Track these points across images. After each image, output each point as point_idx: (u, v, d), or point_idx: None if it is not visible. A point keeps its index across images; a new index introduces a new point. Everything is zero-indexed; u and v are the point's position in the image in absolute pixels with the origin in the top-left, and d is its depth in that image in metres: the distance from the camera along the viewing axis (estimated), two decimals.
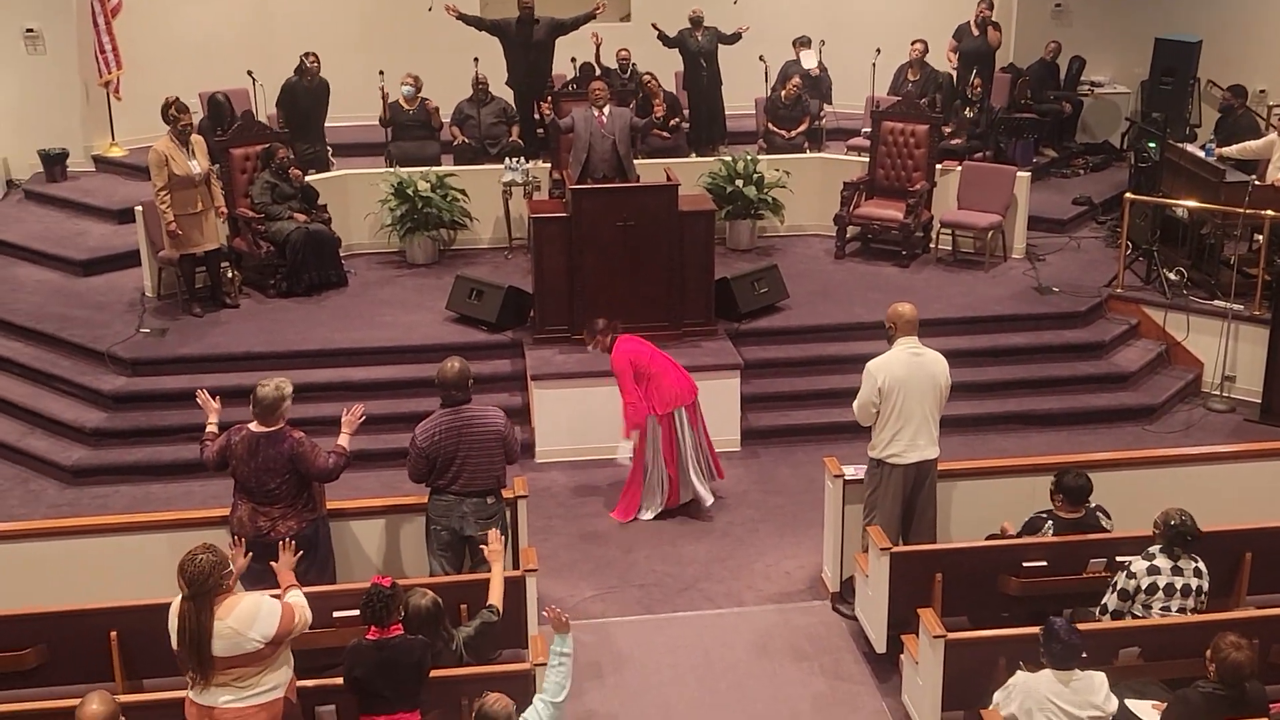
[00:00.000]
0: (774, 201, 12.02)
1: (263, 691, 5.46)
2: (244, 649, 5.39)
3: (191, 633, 5.35)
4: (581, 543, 8.59)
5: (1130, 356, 10.71)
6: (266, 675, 5.47)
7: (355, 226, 11.96)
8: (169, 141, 10.30)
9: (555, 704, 5.48)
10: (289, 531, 6.67)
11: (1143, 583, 6.37)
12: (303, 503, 6.78)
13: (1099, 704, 5.58)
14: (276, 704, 5.51)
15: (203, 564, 5.36)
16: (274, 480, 6.66)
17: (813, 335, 10.57)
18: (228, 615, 5.39)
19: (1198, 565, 6.44)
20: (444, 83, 13.18)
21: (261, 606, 5.47)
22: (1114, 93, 14.89)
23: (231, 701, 5.42)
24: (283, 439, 6.68)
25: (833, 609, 7.83)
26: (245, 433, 6.73)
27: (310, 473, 6.72)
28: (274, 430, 6.70)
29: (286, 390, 6.77)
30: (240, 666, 5.41)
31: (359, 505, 7.36)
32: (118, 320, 10.62)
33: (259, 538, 6.64)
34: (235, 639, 5.38)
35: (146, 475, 9.38)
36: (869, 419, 7.37)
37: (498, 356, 10.29)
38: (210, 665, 5.37)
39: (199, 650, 5.35)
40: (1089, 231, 12.66)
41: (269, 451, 6.65)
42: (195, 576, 5.34)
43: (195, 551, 5.43)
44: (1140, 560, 6.44)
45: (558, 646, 5.63)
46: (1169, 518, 6.38)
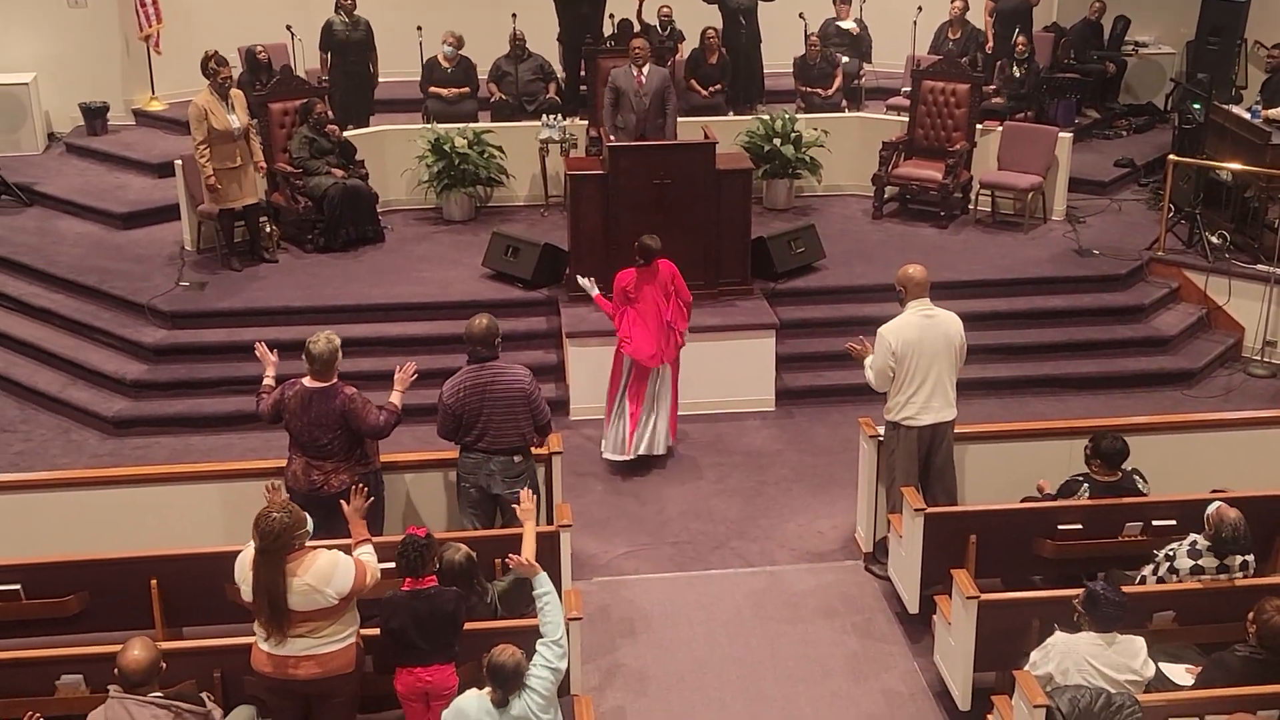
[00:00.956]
0: (812, 161, 11.93)
1: (338, 639, 5.63)
2: (319, 604, 5.53)
3: (265, 587, 5.48)
4: (615, 499, 8.63)
5: (1170, 320, 10.61)
6: (338, 626, 5.63)
7: (392, 182, 11.98)
8: (209, 95, 10.32)
9: (557, 641, 5.54)
10: (342, 485, 6.72)
11: (1185, 580, 6.31)
12: (356, 457, 6.83)
13: (1137, 668, 5.57)
14: (350, 649, 5.68)
15: (276, 523, 5.47)
16: (326, 435, 6.71)
17: (849, 295, 10.52)
18: (305, 572, 5.51)
19: (1245, 559, 6.34)
20: (481, 39, 13.14)
21: (339, 564, 5.61)
22: (1159, 53, 14.66)
23: (306, 650, 5.56)
24: (335, 394, 6.72)
25: (865, 569, 7.84)
26: (299, 387, 6.78)
27: (361, 429, 6.76)
28: (327, 386, 6.74)
29: (337, 342, 6.82)
30: (316, 620, 5.55)
31: (393, 460, 7.41)
32: (157, 273, 10.70)
33: (313, 491, 6.71)
34: (312, 595, 5.51)
35: (186, 427, 9.48)
36: (886, 384, 7.35)
37: (533, 313, 10.31)
38: (286, 619, 5.51)
39: (274, 605, 5.49)
40: (1131, 194, 12.52)
41: (321, 407, 6.70)
42: (267, 533, 5.47)
43: (271, 509, 5.55)
44: (1185, 556, 6.35)
45: (538, 588, 5.69)
46: (1223, 528, 6.17)
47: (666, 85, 10.92)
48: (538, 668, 5.44)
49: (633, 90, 10.75)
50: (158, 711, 5.11)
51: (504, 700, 5.34)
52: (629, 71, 10.83)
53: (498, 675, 5.30)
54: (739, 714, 6.67)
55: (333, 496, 6.59)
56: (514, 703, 5.35)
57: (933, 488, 7.41)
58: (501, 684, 5.31)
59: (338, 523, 6.40)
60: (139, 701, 5.11)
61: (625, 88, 10.77)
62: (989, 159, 11.95)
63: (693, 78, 13.05)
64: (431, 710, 5.75)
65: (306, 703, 5.70)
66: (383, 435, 6.89)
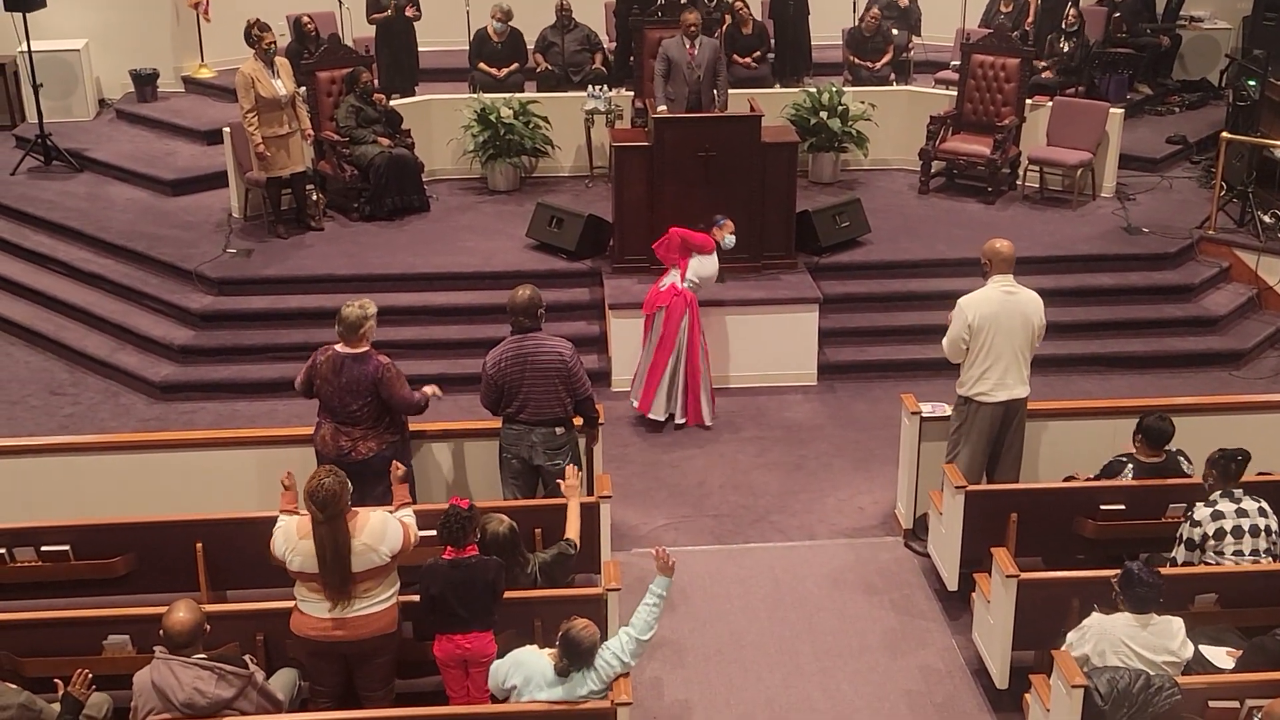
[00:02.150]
0: (858, 134, 11.84)
1: (386, 599, 5.76)
2: (374, 563, 5.65)
3: (331, 551, 5.57)
4: (655, 471, 8.65)
5: (1220, 300, 10.47)
6: (385, 585, 5.75)
7: (438, 152, 12.00)
8: (255, 63, 10.37)
9: (641, 640, 5.57)
10: (369, 453, 6.79)
11: (1209, 529, 6.29)
12: (384, 425, 6.88)
13: (1174, 649, 5.54)
14: (394, 609, 5.81)
15: (330, 486, 5.57)
16: (356, 402, 6.76)
17: (894, 271, 10.46)
18: (360, 532, 5.64)
19: (1262, 505, 6.34)
20: (529, 9, 13.11)
21: (389, 523, 5.75)
22: (1214, 28, 14.40)
23: (361, 609, 5.68)
24: (368, 360, 6.76)
25: (905, 545, 7.83)
26: (331, 352, 6.83)
27: (392, 400, 6.80)
28: (360, 352, 6.78)
29: (370, 310, 6.84)
30: (370, 580, 5.67)
31: (436, 428, 7.46)
32: (205, 240, 10.80)
33: (340, 458, 6.76)
34: (369, 554, 5.64)
35: (232, 393, 9.59)
36: (958, 355, 7.27)
37: (576, 285, 10.32)
38: (351, 580, 5.62)
39: (342, 569, 5.59)
40: (1182, 171, 12.33)
41: (354, 372, 6.74)
42: (327, 500, 5.56)
43: (320, 476, 5.63)
44: (1203, 507, 6.34)
45: (656, 588, 5.70)
46: (1216, 465, 6.29)
47: (718, 58, 10.90)
48: (609, 653, 5.49)
49: (685, 62, 10.73)
50: (201, 673, 5.20)
51: (567, 671, 5.40)
52: (680, 43, 10.80)
53: (572, 649, 5.36)
54: (776, 687, 6.69)
55: (360, 463, 6.66)
56: (574, 676, 5.41)
57: (1000, 463, 7.36)
58: (572, 657, 5.38)
59: (364, 488, 6.49)
60: (183, 663, 5.20)
61: (678, 59, 10.74)
62: (1038, 134, 11.81)
63: (733, 51, 12.96)
64: (470, 676, 5.82)
65: (347, 665, 5.78)
66: (413, 411, 6.93)
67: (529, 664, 5.45)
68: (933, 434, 7.58)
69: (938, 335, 7.53)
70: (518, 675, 5.47)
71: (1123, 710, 5.36)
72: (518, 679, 5.46)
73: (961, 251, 10.24)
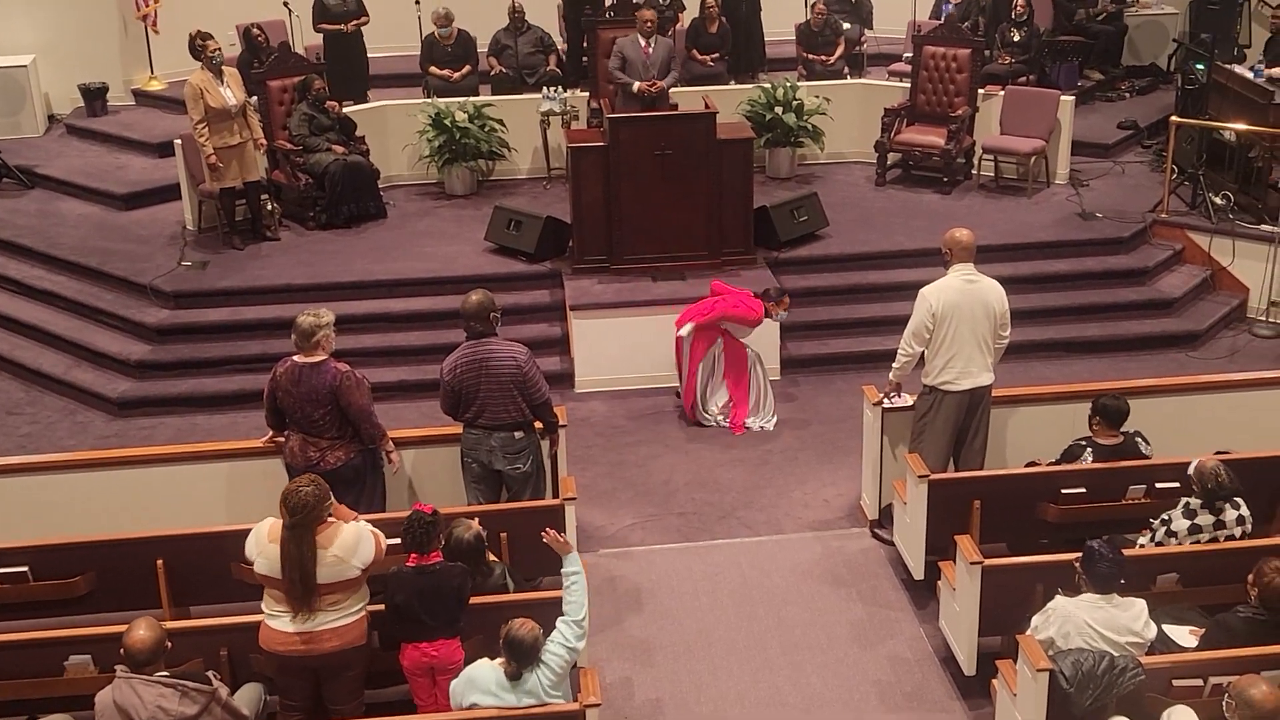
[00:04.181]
0: (814, 129, 11.88)
1: (354, 612, 5.69)
2: (346, 575, 5.59)
3: (295, 561, 5.51)
4: (621, 471, 8.64)
5: (1174, 282, 10.57)
6: (355, 598, 5.69)
7: (393, 158, 11.95)
8: (203, 74, 10.28)
9: (578, 621, 5.56)
10: (338, 462, 6.74)
11: (1185, 542, 6.33)
12: (351, 434, 6.82)
13: (1138, 630, 5.57)
14: (362, 621, 5.75)
15: (306, 496, 5.52)
16: (318, 411, 6.71)
17: (853, 263, 10.50)
18: (331, 544, 5.57)
19: (1240, 513, 6.36)
20: (480, 12, 13.08)
21: (362, 536, 5.68)
22: (1161, 13, 14.52)
23: (329, 622, 5.62)
24: (325, 370, 6.71)
25: (871, 536, 7.85)
26: (289, 363, 6.78)
27: (350, 409, 6.73)
28: (317, 361, 6.73)
29: (325, 319, 6.78)
30: (338, 592, 5.60)
31: (399, 435, 7.41)
32: (159, 253, 10.70)
33: (310, 468, 6.71)
34: (340, 566, 5.57)
35: (191, 407, 9.50)
36: (920, 343, 7.29)
37: (537, 287, 10.30)
38: (314, 592, 5.55)
39: (305, 578, 5.53)
40: (1134, 156, 12.43)
41: (312, 382, 6.69)
42: (299, 507, 5.51)
43: (299, 483, 5.59)
44: (1181, 518, 6.36)
45: (566, 568, 5.71)
46: (1207, 478, 6.25)
47: (672, 57, 10.94)
48: (555, 645, 5.46)
49: (640, 61, 10.75)
50: (164, 690, 5.14)
51: (517, 673, 5.37)
52: (636, 42, 10.81)
53: (515, 649, 5.33)
54: (745, 683, 6.69)
55: (330, 473, 6.61)
56: (526, 676, 5.39)
57: (964, 451, 7.40)
58: (517, 657, 5.35)
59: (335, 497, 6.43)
60: (146, 681, 5.14)
61: (633, 58, 10.76)
62: (991, 124, 11.88)
63: (694, 47, 12.99)
64: (438, 685, 5.78)
65: (316, 678, 5.74)
66: (371, 427, 6.80)
67: (481, 678, 5.42)
68: (895, 425, 7.62)
69: (899, 326, 7.55)
70: (473, 692, 5.43)
71: (1088, 692, 5.39)
72: (475, 695, 5.43)
73: (920, 242, 10.31)
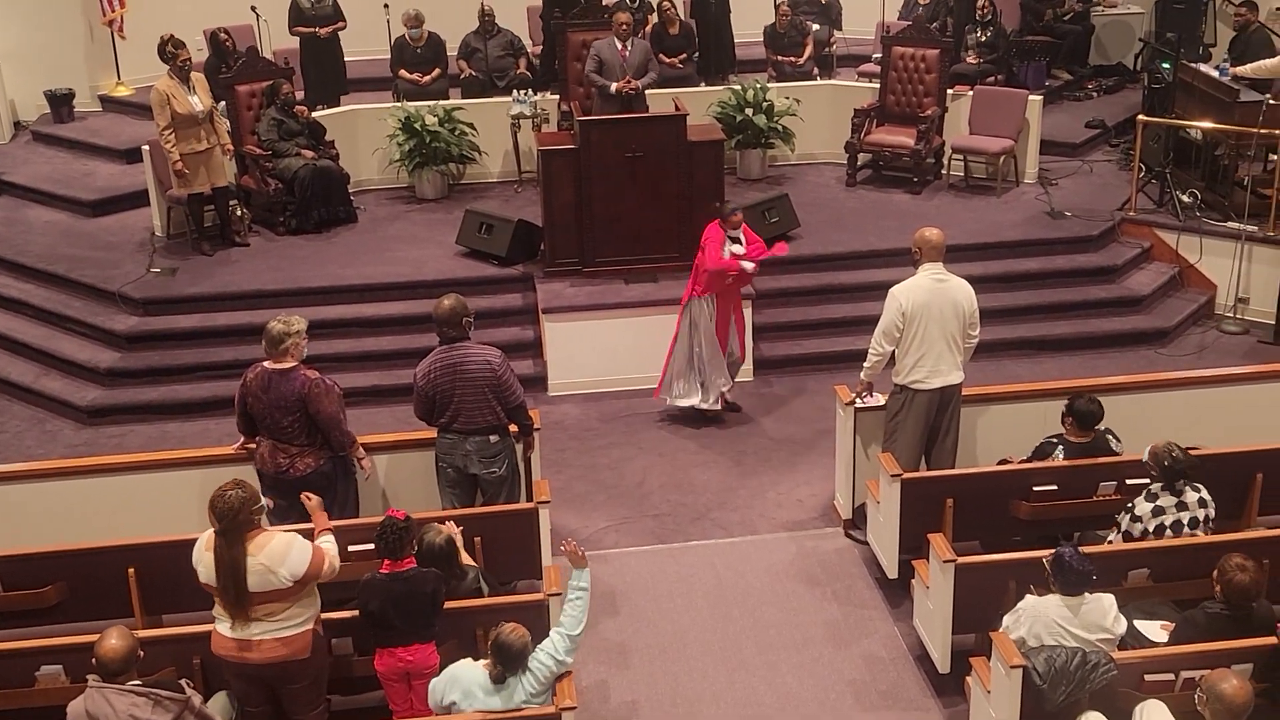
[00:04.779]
0: (784, 130, 11.91)
1: (293, 624, 5.58)
2: (273, 585, 5.49)
3: (226, 568, 5.45)
4: (594, 474, 8.64)
5: (1143, 280, 10.65)
6: (296, 609, 5.58)
7: (364, 162, 11.91)
8: (169, 80, 10.23)
9: (572, 636, 5.54)
10: (307, 469, 6.71)
11: (1149, 525, 6.38)
12: (320, 440, 6.78)
13: (1107, 626, 5.61)
14: (305, 635, 5.62)
15: (232, 500, 5.44)
16: (286, 418, 6.67)
17: (824, 264, 10.53)
18: (259, 552, 5.48)
19: (1201, 495, 6.43)
20: (450, 16, 13.06)
21: (293, 546, 5.55)
22: (1127, 13, 14.63)
23: (264, 633, 5.53)
24: (294, 377, 6.67)
25: (845, 535, 7.87)
26: (260, 369, 6.75)
27: (319, 416, 6.66)
28: (286, 368, 6.69)
29: (295, 326, 6.72)
30: (271, 602, 5.51)
31: (372, 440, 7.39)
32: (128, 260, 10.64)
33: (279, 475, 6.69)
34: (265, 575, 5.48)
35: (161, 414, 9.44)
36: (890, 343, 7.32)
37: (509, 290, 10.29)
38: (246, 600, 5.48)
39: (235, 585, 5.46)
40: (1102, 155, 12.53)
41: (280, 389, 6.65)
42: (225, 512, 5.43)
43: (225, 488, 5.51)
44: (1144, 502, 6.42)
45: (575, 581, 5.67)
46: (1161, 456, 6.33)
47: (649, 59, 10.97)
48: (544, 654, 5.45)
49: (617, 64, 10.77)
50: (137, 699, 5.10)
51: (502, 677, 5.36)
52: (612, 44, 10.82)
53: (503, 653, 5.32)
54: (721, 683, 6.70)
55: (299, 480, 6.59)
56: (510, 681, 5.38)
57: (936, 449, 7.43)
58: (504, 662, 5.34)
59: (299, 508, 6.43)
60: (118, 690, 5.10)
61: (610, 60, 10.78)
62: (960, 124, 11.95)
63: (659, 51, 12.99)
64: (413, 689, 5.77)
65: (269, 686, 5.68)
66: (340, 435, 6.72)
67: (464, 677, 5.42)
68: (868, 424, 7.64)
69: (870, 326, 7.56)
70: (455, 691, 5.42)
71: (1061, 688, 5.43)
72: (455, 694, 5.41)
73: (891, 242, 10.35)
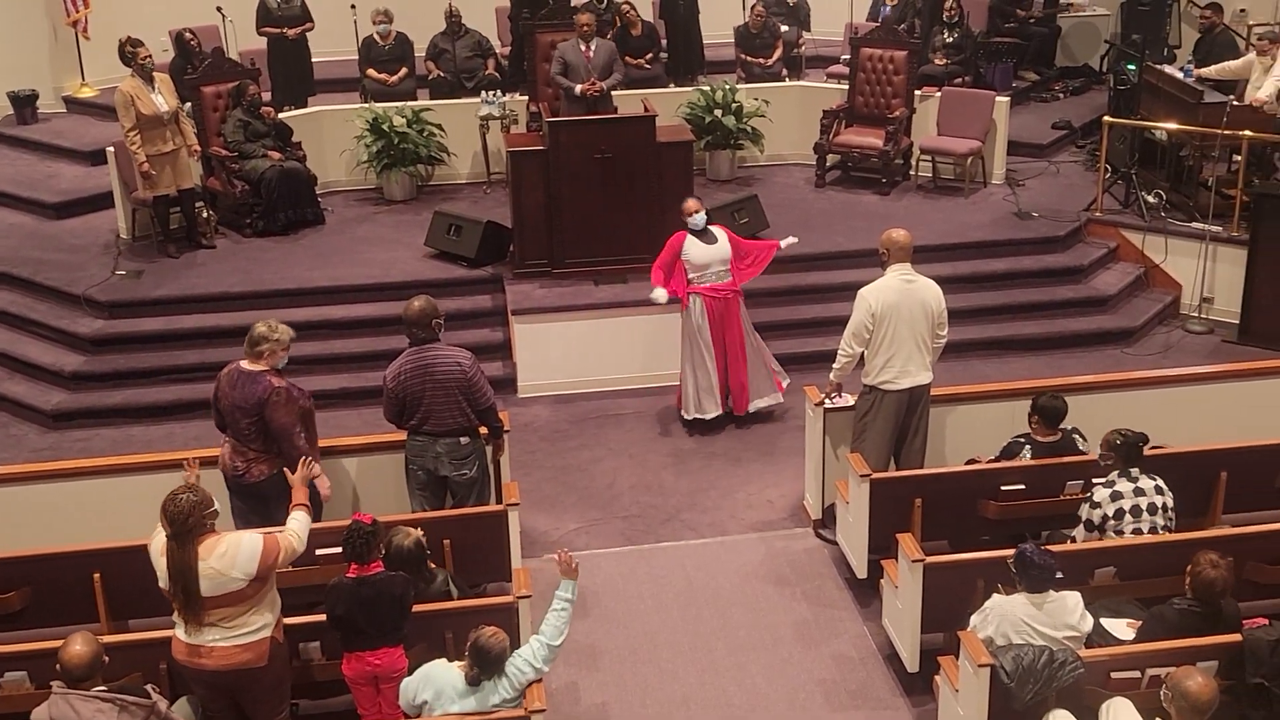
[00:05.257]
0: (753, 131, 11.93)
1: (250, 631, 5.50)
2: (228, 588, 5.41)
3: (178, 572, 5.38)
4: (564, 475, 8.62)
5: (1109, 280, 10.72)
6: (253, 615, 5.50)
7: (331, 163, 11.85)
8: (134, 80, 10.16)
9: (552, 646, 5.52)
10: (261, 476, 6.63)
11: (1108, 510, 6.42)
12: (275, 450, 6.66)
13: (1074, 624, 5.65)
14: (263, 643, 5.54)
15: (183, 504, 5.38)
16: (244, 420, 6.60)
17: (793, 264, 10.50)
18: (209, 556, 5.40)
19: (1157, 483, 6.50)
20: (417, 16, 13.02)
21: (241, 545, 5.47)
22: (1093, 14, 14.74)
23: (219, 640, 5.46)
24: (259, 381, 6.60)
25: (815, 535, 7.89)
26: (233, 366, 6.70)
27: (272, 424, 6.54)
28: (256, 370, 6.62)
29: (277, 335, 6.63)
30: (227, 606, 5.44)
31: (341, 443, 7.36)
32: (93, 263, 10.55)
33: (236, 477, 6.64)
34: (219, 579, 5.40)
35: (127, 418, 9.36)
36: (860, 344, 7.33)
37: (478, 292, 10.26)
38: (199, 605, 5.41)
39: (188, 590, 5.39)
40: (1068, 155, 12.62)
41: (245, 389, 6.59)
42: (175, 516, 5.37)
43: (177, 491, 5.45)
44: (1101, 488, 6.47)
45: (562, 592, 5.65)
46: (1113, 440, 6.41)
47: (614, 59, 10.97)
48: (522, 660, 5.43)
49: (582, 65, 10.77)
50: (102, 705, 5.05)
51: (477, 680, 5.34)
52: (576, 46, 10.81)
53: (481, 657, 5.30)
54: (691, 685, 6.70)
55: (254, 486, 6.55)
56: (486, 685, 5.36)
57: (905, 450, 7.45)
58: (481, 664, 5.31)
59: (260, 512, 6.39)
60: (83, 696, 5.05)
61: (574, 62, 10.79)
62: (928, 125, 12.00)
63: (624, 53, 12.99)
64: (381, 693, 5.74)
65: (228, 692, 5.62)
66: (291, 448, 6.55)
67: (439, 677, 5.39)
68: (837, 424, 7.66)
69: (840, 327, 7.57)
70: (428, 690, 5.40)
71: (1028, 686, 5.45)
72: (428, 694, 5.40)
73: (860, 243, 10.37)
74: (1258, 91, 10.87)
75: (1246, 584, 6.37)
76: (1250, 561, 6.43)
